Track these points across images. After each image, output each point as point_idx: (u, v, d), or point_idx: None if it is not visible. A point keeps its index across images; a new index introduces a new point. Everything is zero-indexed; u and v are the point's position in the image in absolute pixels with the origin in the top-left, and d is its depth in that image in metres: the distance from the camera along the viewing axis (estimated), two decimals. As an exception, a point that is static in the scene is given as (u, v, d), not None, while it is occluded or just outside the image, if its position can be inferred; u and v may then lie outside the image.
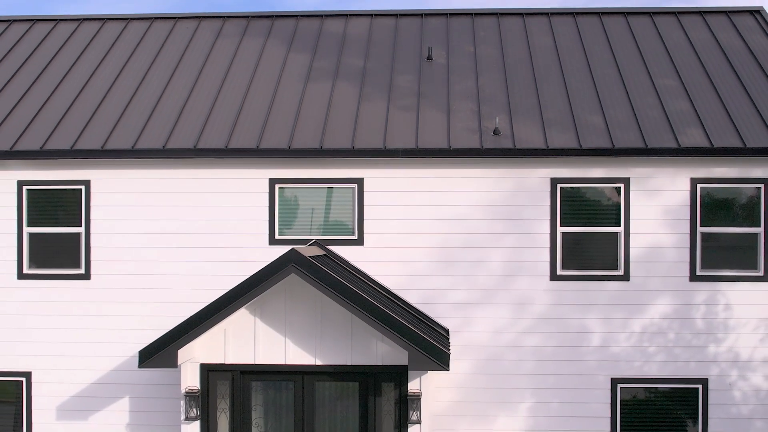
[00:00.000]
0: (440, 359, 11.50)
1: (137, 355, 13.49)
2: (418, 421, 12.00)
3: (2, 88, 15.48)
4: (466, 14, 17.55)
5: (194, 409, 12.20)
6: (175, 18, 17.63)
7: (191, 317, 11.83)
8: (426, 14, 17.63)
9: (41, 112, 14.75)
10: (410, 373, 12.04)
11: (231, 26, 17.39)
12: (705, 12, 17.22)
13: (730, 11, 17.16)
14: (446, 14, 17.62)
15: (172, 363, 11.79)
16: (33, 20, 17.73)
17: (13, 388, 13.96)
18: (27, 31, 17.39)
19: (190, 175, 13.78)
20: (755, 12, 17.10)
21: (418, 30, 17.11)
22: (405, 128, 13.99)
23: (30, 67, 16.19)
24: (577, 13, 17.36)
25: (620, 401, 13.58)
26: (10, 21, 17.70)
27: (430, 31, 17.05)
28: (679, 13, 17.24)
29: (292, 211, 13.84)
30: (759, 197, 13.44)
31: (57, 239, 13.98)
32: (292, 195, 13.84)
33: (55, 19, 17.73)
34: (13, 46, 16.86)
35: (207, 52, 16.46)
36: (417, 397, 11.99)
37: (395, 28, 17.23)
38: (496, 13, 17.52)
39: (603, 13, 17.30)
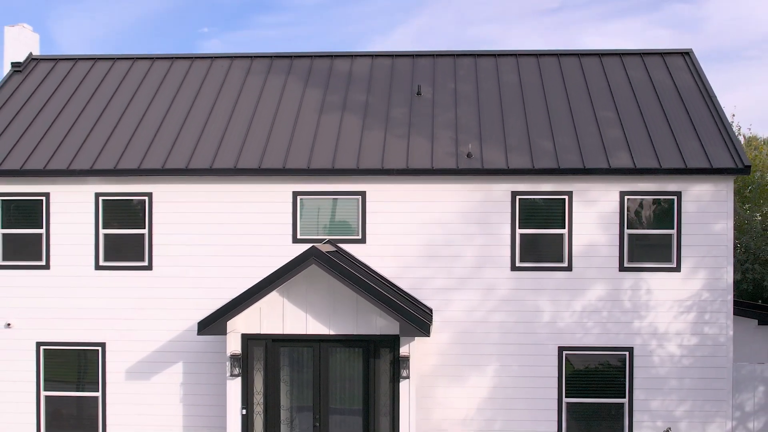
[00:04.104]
0: (423, 328, 14.68)
1: (190, 327, 16.74)
2: (408, 377, 15.13)
3: (76, 119, 18.61)
4: (449, 55, 20.43)
5: (237, 369, 15.34)
6: (211, 57, 20.75)
7: (235, 298, 14.99)
8: (417, 55, 20.48)
9: (111, 137, 17.87)
10: (401, 339, 15.06)
11: (258, 64, 20.42)
12: (644, 53, 20.02)
13: (664, 53, 19.97)
14: (433, 55, 20.46)
15: (222, 331, 15.07)
16: (94, 59, 20.82)
17: (91, 355, 17.11)
18: (89, 69, 20.47)
19: (231, 188, 16.83)
20: (685, 53, 19.94)
21: (410, 69, 19.99)
22: (398, 152, 16.98)
23: (96, 102, 19.21)
24: (540, 54, 20.23)
25: (565, 365, 16.46)
26: (75, 59, 20.88)
27: (419, 70, 19.93)
28: (623, 54, 20.05)
29: (310, 216, 16.79)
30: (673, 206, 16.42)
31: (126, 239, 17.02)
32: (310, 204, 16.79)
33: (112, 58, 20.83)
34: (79, 84, 19.94)
35: (240, 86, 19.50)
36: (407, 359, 15.09)
37: (392, 66, 20.15)
38: (473, 54, 20.36)
39: (561, 55, 20.16)
